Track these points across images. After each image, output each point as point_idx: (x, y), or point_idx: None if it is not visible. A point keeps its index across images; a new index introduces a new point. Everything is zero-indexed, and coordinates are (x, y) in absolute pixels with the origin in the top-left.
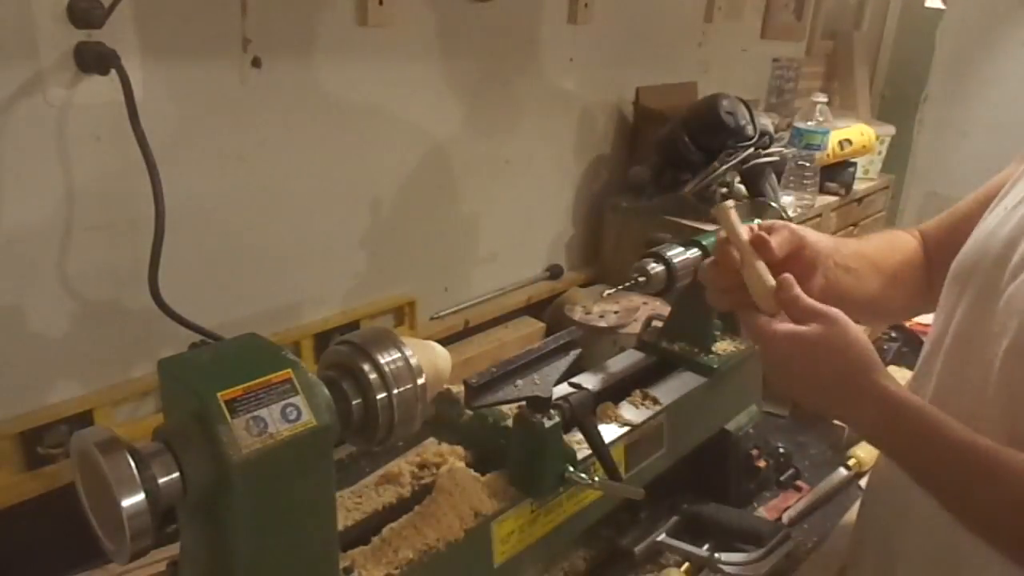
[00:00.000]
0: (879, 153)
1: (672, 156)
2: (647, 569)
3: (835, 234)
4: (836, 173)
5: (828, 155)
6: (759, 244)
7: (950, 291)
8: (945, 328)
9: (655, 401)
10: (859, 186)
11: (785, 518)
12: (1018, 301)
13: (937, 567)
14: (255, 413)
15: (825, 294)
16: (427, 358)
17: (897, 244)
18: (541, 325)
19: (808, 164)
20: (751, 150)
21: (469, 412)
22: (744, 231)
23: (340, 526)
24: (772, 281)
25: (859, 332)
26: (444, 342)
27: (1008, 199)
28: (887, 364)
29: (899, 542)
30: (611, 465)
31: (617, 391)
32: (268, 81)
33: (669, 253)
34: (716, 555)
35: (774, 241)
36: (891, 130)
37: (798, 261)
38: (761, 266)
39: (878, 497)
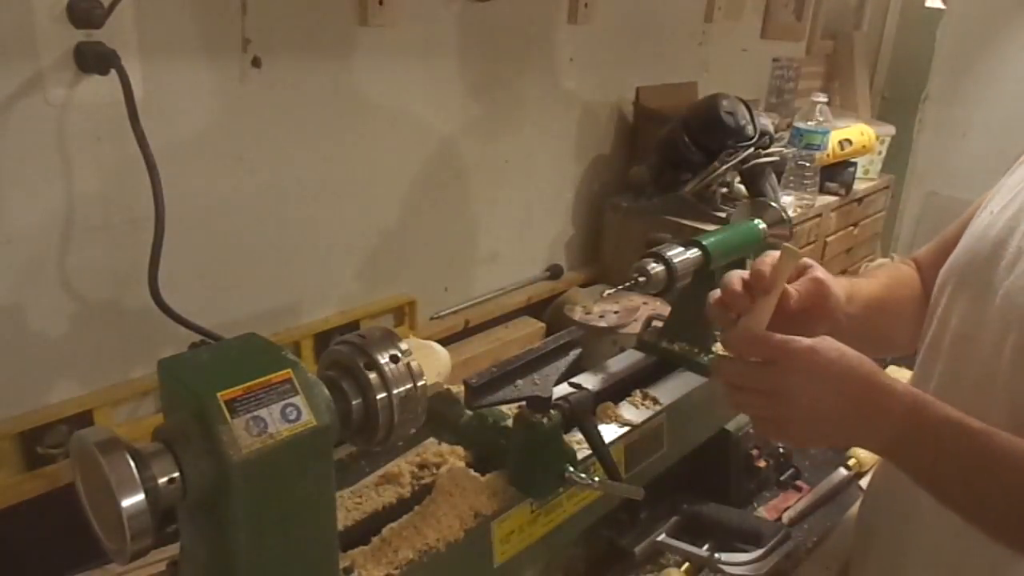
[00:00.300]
0: (879, 153)
1: (672, 156)
2: (647, 569)
3: (835, 234)
4: (836, 173)
5: (828, 155)
6: (782, 294)
7: (941, 293)
8: (942, 329)
9: (655, 401)
10: (859, 186)
11: (785, 518)
12: (1018, 298)
13: (947, 565)
14: (255, 413)
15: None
16: (427, 358)
17: (904, 280)
18: (541, 325)
19: (808, 164)
20: (751, 150)
21: (469, 412)
22: (775, 296)
23: (340, 526)
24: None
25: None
26: (444, 342)
27: (993, 203)
28: (888, 364)
29: (907, 542)
30: (611, 465)
31: (617, 391)
32: (268, 81)
33: (669, 253)
34: (716, 555)
35: (798, 288)
36: (891, 130)
37: (814, 309)
38: (765, 319)
39: (882, 497)
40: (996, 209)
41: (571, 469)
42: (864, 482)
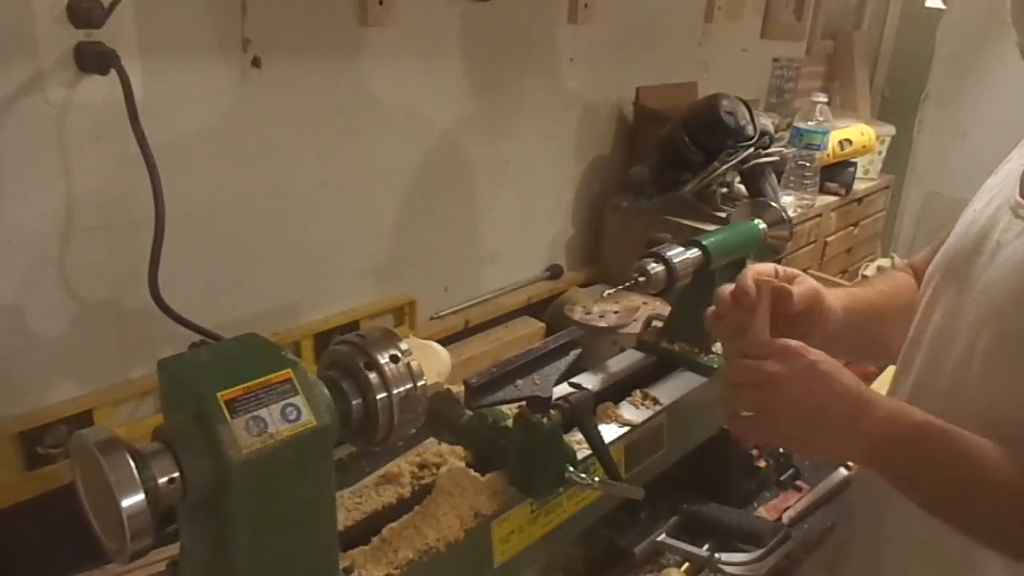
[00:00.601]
0: (879, 153)
1: (672, 156)
2: (647, 569)
3: (835, 234)
4: (836, 173)
5: (828, 155)
6: (781, 295)
7: (926, 289)
8: (924, 324)
9: (655, 401)
10: (859, 186)
11: (785, 518)
12: (992, 291)
13: (921, 553)
14: (255, 413)
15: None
16: (427, 358)
17: (902, 287)
18: (541, 325)
19: (808, 164)
20: (751, 150)
21: (469, 412)
22: (766, 303)
23: (340, 526)
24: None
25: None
26: (444, 342)
27: (977, 202)
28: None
29: (887, 529)
30: (611, 465)
31: (617, 391)
32: (268, 81)
33: (669, 253)
34: (716, 555)
35: (795, 291)
36: (891, 130)
37: (809, 317)
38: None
39: (865, 486)
40: (979, 207)
41: (571, 469)
42: None
